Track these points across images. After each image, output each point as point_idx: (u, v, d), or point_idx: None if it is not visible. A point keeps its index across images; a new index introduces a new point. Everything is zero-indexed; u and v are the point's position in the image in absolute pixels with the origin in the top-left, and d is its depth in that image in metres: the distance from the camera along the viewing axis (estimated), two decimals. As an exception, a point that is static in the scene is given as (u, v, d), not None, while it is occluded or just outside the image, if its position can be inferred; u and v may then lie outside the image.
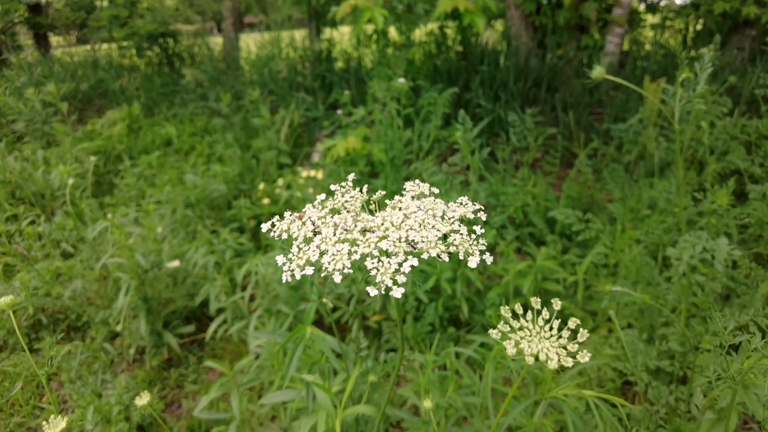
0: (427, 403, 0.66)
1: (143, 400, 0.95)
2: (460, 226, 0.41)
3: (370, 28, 2.96)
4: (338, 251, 0.37)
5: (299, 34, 4.96)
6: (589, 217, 1.60)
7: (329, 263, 0.37)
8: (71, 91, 4.65)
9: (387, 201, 0.44)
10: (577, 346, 0.50)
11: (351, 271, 0.36)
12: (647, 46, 4.05)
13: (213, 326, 2.06)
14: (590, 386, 1.61)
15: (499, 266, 1.91)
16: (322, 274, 0.36)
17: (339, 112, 3.12)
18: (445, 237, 0.40)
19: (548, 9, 3.68)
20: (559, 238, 2.33)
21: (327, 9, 4.38)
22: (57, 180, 3.08)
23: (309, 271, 0.37)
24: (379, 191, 0.45)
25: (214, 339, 2.22)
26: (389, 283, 0.35)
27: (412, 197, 0.45)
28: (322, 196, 0.46)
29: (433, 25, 3.65)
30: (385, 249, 0.37)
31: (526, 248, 2.15)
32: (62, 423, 0.81)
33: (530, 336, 0.50)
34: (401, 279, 0.34)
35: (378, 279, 0.35)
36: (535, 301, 0.54)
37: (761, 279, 1.55)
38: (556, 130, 3.32)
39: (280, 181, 2.78)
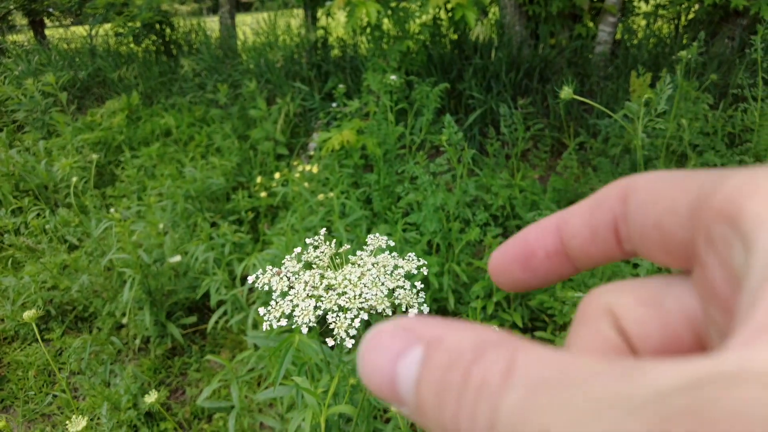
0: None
1: (151, 397, 1.05)
2: (404, 281, 0.50)
3: (365, 18, 3.01)
4: (306, 306, 0.47)
5: (294, 22, 4.98)
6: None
7: (299, 317, 0.46)
8: (70, 80, 4.70)
9: (350, 257, 0.54)
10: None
11: (315, 324, 0.46)
12: (639, 34, 4.08)
13: (214, 318, 2.17)
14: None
15: (483, 261, 2.02)
16: (293, 326, 0.46)
17: (334, 104, 3.19)
18: (392, 291, 0.49)
19: (541, -2, 3.71)
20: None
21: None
22: (60, 172, 3.16)
23: (283, 322, 0.47)
24: (345, 245, 0.55)
25: (216, 329, 2.34)
26: (344, 335, 0.44)
27: (371, 251, 0.54)
28: (298, 249, 0.55)
29: (427, 17, 3.68)
30: (343, 305, 0.46)
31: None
32: (83, 422, 0.91)
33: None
34: (352, 332, 0.44)
35: (335, 332, 0.45)
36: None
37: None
38: (546, 121, 3.39)
39: (277, 175, 2.86)
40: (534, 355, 0.13)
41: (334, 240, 0.56)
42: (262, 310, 0.49)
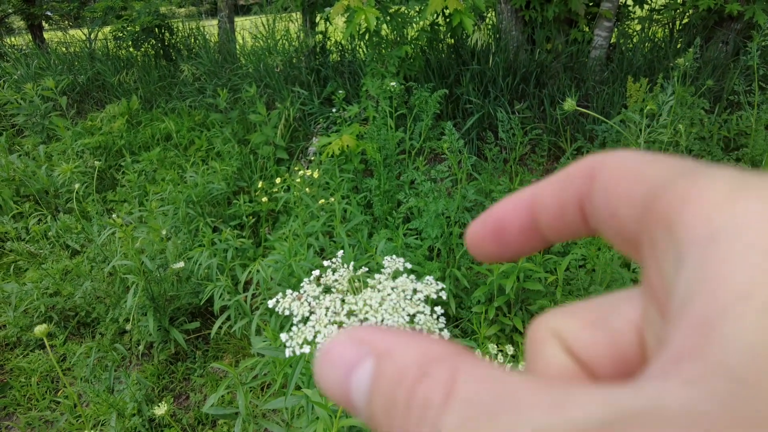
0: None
1: (161, 409, 1.07)
2: (424, 307, 0.53)
3: (364, 24, 3.03)
4: (329, 333, 0.49)
5: (293, 26, 5.00)
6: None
7: (322, 344, 0.49)
8: (69, 84, 4.71)
9: (368, 280, 0.56)
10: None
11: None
12: (635, 39, 4.12)
13: (217, 323, 2.19)
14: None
15: (483, 266, 2.04)
16: (316, 354, 0.48)
17: (334, 110, 3.21)
18: (413, 317, 0.52)
19: (537, 3, 3.74)
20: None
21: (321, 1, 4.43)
22: (60, 177, 3.17)
23: (306, 349, 0.49)
24: (363, 267, 0.57)
25: (219, 335, 2.36)
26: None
27: (389, 274, 0.57)
28: (317, 272, 0.58)
29: (424, 22, 3.71)
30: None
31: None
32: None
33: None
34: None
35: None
36: (492, 347, 0.66)
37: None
38: (543, 125, 3.42)
39: (278, 179, 2.88)
40: (474, 376, 0.13)
41: (347, 260, 0.58)
42: (284, 336, 0.51)
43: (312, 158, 3.35)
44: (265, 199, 2.80)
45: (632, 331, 0.17)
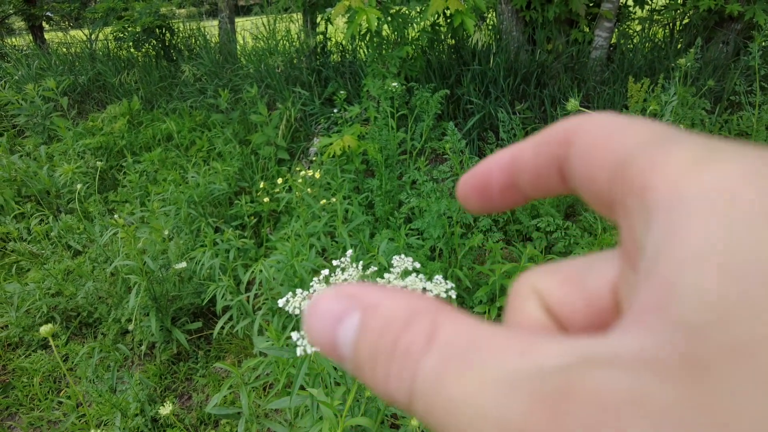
0: (414, 422, 0.80)
1: (166, 409, 1.08)
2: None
3: (365, 25, 3.04)
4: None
5: (294, 27, 5.01)
6: (568, 225, 1.74)
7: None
8: (70, 85, 4.72)
9: (378, 279, 0.56)
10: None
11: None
12: (635, 39, 4.13)
13: (220, 323, 2.19)
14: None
15: (486, 267, 2.05)
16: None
17: (335, 110, 3.21)
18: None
19: (538, 4, 3.75)
20: (545, 235, 2.46)
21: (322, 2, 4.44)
22: (62, 178, 3.18)
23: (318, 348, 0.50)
24: (372, 267, 0.58)
25: (221, 335, 2.36)
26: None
27: (398, 273, 0.57)
28: (326, 271, 0.58)
29: (425, 23, 3.71)
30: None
31: (512, 248, 2.28)
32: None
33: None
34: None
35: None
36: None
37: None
38: (544, 125, 3.42)
39: (280, 180, 2.89)
40: (454, 325, 0.14)
41: (352, 260, 0.58)
42: (295, 335, 0.51)
43: (313, 159, 3.36)
44: (266, 199, 2.80)
45: (608, 289, 0.18)
